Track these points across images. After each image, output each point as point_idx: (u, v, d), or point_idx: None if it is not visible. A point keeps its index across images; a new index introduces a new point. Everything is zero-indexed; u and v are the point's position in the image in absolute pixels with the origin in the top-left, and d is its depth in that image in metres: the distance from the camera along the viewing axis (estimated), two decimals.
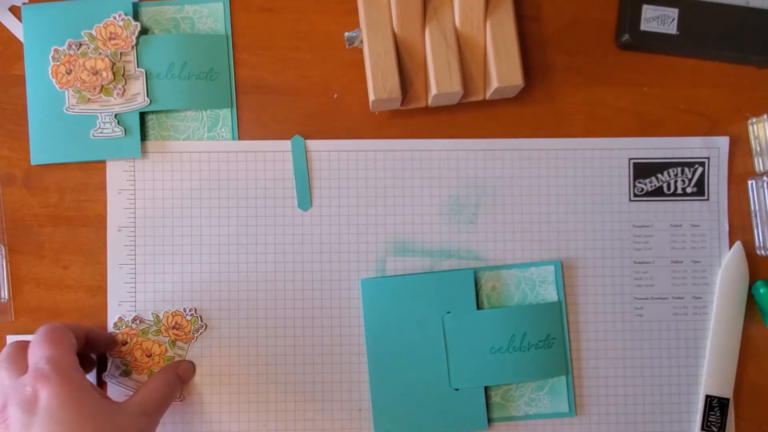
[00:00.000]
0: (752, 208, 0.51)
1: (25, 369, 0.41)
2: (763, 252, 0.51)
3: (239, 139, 0.50)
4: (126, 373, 0.49)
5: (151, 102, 0.49)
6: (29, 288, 0.50)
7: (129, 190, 0.50)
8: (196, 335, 0.49)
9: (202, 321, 0.49)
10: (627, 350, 0.50)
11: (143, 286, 0.49)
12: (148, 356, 0.49)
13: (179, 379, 0.47)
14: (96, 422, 0.39)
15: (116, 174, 0.50)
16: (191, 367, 0.49)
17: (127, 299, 0.49)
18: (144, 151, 0.50)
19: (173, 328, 0.49)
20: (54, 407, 0.38)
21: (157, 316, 0.49)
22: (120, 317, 0.49)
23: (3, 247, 0.49)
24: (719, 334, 0.50)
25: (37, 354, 0.41)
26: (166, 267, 0.49)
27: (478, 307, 0.49)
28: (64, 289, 0.50)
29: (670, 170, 0.51)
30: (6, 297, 0.49)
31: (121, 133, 0.49)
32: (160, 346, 0.49)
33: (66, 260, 0.50)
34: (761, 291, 0.50)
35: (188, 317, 0.49)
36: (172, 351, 0.49)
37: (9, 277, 0.50)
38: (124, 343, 0.49)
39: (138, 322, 0.49)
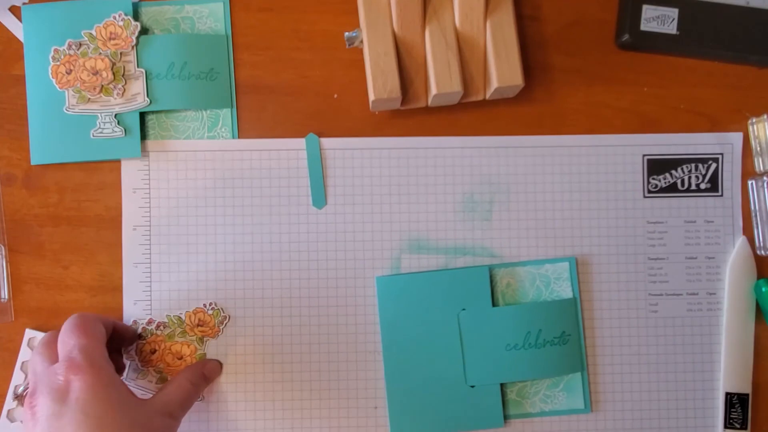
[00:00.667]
0: (752, 208, 0.51)
1: (57, 358, 0.41)
2: (763, 252, 0.51)
3: (239, 139, 0.50)
4: (161, 380, 0.49)
5: (151, 102, 0.49)
6: (29, 288, 0.49)
7: (144, 189, 0.50)
8: (221, 327, 0.49)
9: (224, 312, 0.49)
10: (642, 346, 0.50)
11: (158, 285, 0.49)
12: (180, 359, 0.49)
13: (204, 378, 0.47)
14: (123, 417, 0.39)
15: (131, 173, 0.50)
16: (218, 365, 0.49)
17: (143, 298, 0.49)
18: (153, 150, 0.50)
19: (198, 325, 0.49)
20: (85, 399, 0.38)
21: (179, 317, 0.49)
22: (144, 327, 0.49)
23: (3, 247, 0.49)
24: (733, 330, 0.50)
25: (70, 343, 0.41)
26: (180, 266, 0.49)
27: (494, 304, 0.49)
28: (64, 289, 0.49)
29: (684, 166, 0.51)
30: (6, 297, 0.49)
31: (121, 133, 0.49)
32: (188, 346, 0.49)
33: (66, 260, 0.50)
34: (763, 290, 0.50)
35: (209, 311, 0.49)
36: (202, 349, 0.49)
37: (9, 277, 0.50)
38: (153, 351, 0.49)
39: (162, 327, 0.49)
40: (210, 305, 0.49)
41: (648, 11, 0.50)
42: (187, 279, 0.49)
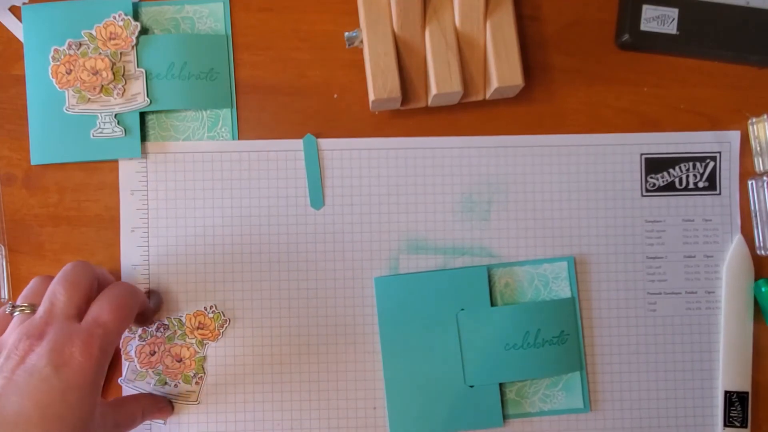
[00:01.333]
0: (752, 208, 0.51)
1: (86, 306, 0.40)
2: (763, 252, 0.51)
3: (239, 139, 0.50)
4: (160, 381, 0.49)
5: (151, 102, 0.49)
6: None
7: (141, 191, 0.50)
8: (221, 331, 0.49)
9: (225, 316, 0.49)
10: (641, 345, 0.50)
11: (156, 286, 0.49)
12: (179, 361, 0.49)
13: (154, 415, 0.47)
14: (84, 423, 0.38)
15: (129, 175, 0.50)
16: (171, 409, 0.49)
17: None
18: (151, 152, 0.50)
19: (198, 328, 0.49)
20: (73, 383, 0.37)
21: (180, 319, 0.49)
22: (144, 329, 0.49)
23: (3, 247, 0.49)
24: (731, 328, 0.50)
25: (103, 315, 0.39)
26: (179, 267, 0.49)
27: (492, 304, 0.49)
28: None
29: (682, 165, 0.51)
30: (6, 297, 0.49)
31: (121, 133, 0.49)
32: (188, 348, 0.49)
33: (66, 260, 0.49)
34: (763, 290, 0.50)
35: (210, 315, 0.49)
36: (201, 352, 0.49)
37: (9, 277, 0.50)
38: (152, 353, 0.49)
39: (162, 329, 0.49)
40: (211, 308, 0.49)
41: (648, 11, 0.50)
42: (186, 281, 0.49)
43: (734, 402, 0.50)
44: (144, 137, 0.50)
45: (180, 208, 0.50)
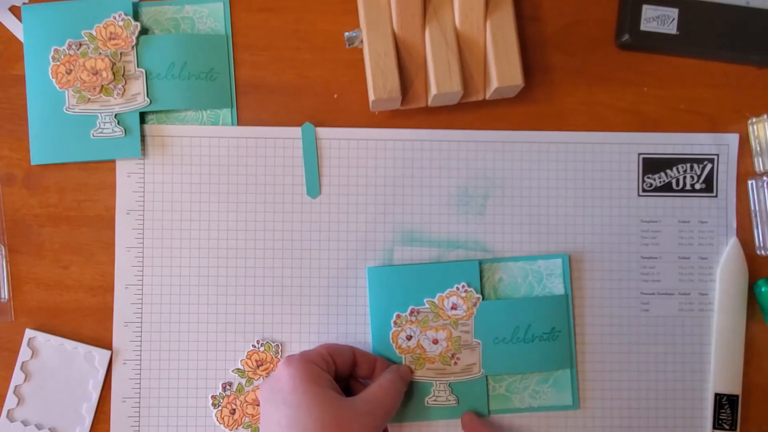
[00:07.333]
0: (752, 208, 0.51)
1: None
2: (763, 252, 0.51)
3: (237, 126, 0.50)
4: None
5: (151, 102, 0.49)
6: (29, 288, 0.49)
7: (138, 192, 0.50)
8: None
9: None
10: (632, 345, 0.50)
11: (150, 269, 0.49)
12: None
13: (402, 380, 0.47)
14: (323, 413, 0.40)
15: (126, 168, 0.50)
16: (409, 369, 0.49)
17: (135, 282, 0.49)
18: (149, 134, 0.50)
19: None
20: (287, 389, 0.42)
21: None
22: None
23: (3, 247, 0.49)
24: (724, 331, 0.50)
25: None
26: (174, 251, 0.50)
27: (485, 299, 0.49)
28: (64, 289, 0.50)
29: (680, 166, 0.51)
30: (6, 297, 0.49)
31: (121, 133, 0.49)
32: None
33: (66, 260, 0.50)
34: (762, 289, 0.50)
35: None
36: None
37: (9, 277, 0.50)
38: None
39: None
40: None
41: (648, 11, 0.50)
42: (180, 264, 0.50)
43: (724, 404, 0.50)
44: (144, 137, 0.50)
45: (176, 202, 0.50)
